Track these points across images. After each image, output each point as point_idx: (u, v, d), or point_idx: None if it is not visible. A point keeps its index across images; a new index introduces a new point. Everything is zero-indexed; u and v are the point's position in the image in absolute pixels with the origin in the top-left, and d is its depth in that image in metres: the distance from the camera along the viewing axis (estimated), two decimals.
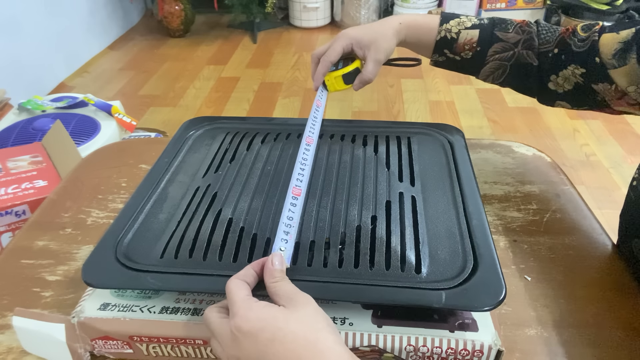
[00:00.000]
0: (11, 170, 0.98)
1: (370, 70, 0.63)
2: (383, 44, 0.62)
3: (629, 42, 0.53)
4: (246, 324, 0.34)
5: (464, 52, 0.62)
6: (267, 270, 0.39)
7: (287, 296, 0.36)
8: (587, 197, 0.62)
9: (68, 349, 0.42)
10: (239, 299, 0.36)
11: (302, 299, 0.36)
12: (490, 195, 0.64)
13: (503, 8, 2.94)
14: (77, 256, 0.56)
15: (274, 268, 0.39)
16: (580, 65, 0.57)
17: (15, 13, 2.08)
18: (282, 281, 0.38)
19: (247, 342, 0.33)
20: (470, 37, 0.62)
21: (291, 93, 2.35)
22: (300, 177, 0.49)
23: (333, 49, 0.63)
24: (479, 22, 0.63)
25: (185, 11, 2.90)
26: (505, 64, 0.62)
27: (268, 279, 0.38)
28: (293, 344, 0.33)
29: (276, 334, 0.33)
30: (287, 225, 0.43)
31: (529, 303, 0.49)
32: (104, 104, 1.53)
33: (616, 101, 0.56)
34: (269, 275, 0.38)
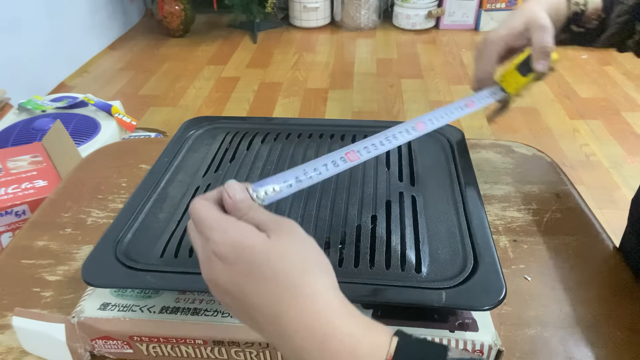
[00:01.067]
0: (11, 170, 0.98)
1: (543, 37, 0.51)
2: (541, 20, 0.52)
3: None
4: (219, 248, 0.29)
5: (590, 23, 0.57)
6: (228, 206, 0.32)
7: (265, 224, 0.30)
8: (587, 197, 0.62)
9: (68, 349, 0.42)
10: (209, 218, 0.30)
11: (285, 227, 0.30)
12: (490, 195, 0.64)
13: (503, 8, 2.94)
14: (77, 256, 0.56)
15: (234, 200, 0.32)
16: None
17: (16, 13, 2.08)
18: (252, 211, 0.31)
19: (221, 269, 0.29)
20: (594, 7, 0.57)
21: (291, 93, 2.35)
22: (370, 150, 0.42)
23: (485, 64, 0.54)
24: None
25: (185, 11, 2.90)
26: (623, 27, 0.57)
27: (235, 215, 0.31)
28: (272, 284, 0.28)
29: (253, 269, 0.28)
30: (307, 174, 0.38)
31: (529, 303, 0.49)
32: (104, 104, 1.53)
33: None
34: (233, 210, 0.32)
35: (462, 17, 3.02)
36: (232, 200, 0.32)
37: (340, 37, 3.00)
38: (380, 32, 3.05)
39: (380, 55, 2.73)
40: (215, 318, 0.41)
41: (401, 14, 3.03)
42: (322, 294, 0.28)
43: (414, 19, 3.01)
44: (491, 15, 2.96)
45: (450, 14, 3.01)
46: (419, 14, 2.99)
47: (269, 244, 0.29)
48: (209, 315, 0.42)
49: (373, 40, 2.94)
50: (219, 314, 0.42)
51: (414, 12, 2.99)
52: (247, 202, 0.32)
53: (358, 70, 2.56)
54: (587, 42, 0.60)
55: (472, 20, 3.02)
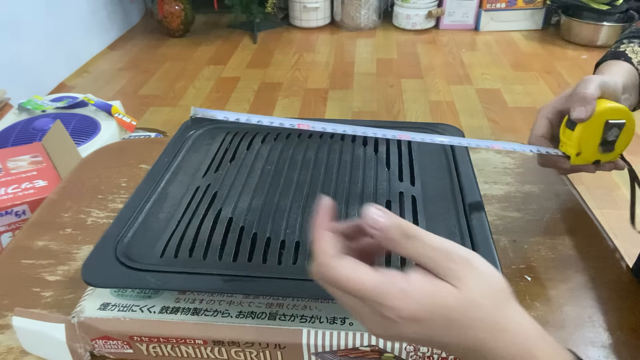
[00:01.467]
0: (11, 170, 0.98)
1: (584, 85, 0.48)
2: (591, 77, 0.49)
3: None
4: (404, 313, 0.27)
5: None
6: (378, 238, 0.29)
7: (435, 262, 0.28)
8: (587, 197, 0.62)
9: (68, 349, 0.42)
10: (368, 287, 0.27)
11: (462, 264, 0.28)
12: (490, 195, 0.64)
13: (503, 8, 2.94)
14: (77, 256, 0.56)
15: (381, 228, 0.28)
16: None
17: (15, 13, 2.08)
18: (410, 240, 0.28)
19: (409, 329, 0.27)
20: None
21: (291, 93, 2.35)
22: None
23: (539, 121, 0.53)
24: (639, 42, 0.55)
25: (185, 11, 2.90)
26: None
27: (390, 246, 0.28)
28: (473, 331, 0.27)
29: (450, 324, 0.27)
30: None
31: (529, 303, 0.49)
32: (104, 104, 1.53)
33: None
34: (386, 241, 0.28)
35: (462, 17, 3.02)
36: (379, 230, 0.28)
37: (340, 37, 3.00)
38: (380, 32, 3.05)
39: (380, 55, 2.73)
40: (215, 318, 0.41)
41: (401, 14, 3.03)
42: (520, 323, 0.28)
43: (414, 19, 3.01)
44: (491, 15, 2.96)
45: (450, 14, 3.01)
46: (419, 14, 2.99)
47: (460, 297, 0.27)
48: (209, 315, 0.42)
49: (373, 40, 2.94)
50: (219, 314, 0.42)
51: (414, 12, 2.99)
52: (398, 227, 0.28)
53: (358, 70, 2.55)
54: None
55: (472, 20, 3.02)
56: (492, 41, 2.88)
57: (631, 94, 0.53)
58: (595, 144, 0.49)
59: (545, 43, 2.84)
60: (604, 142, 0.49)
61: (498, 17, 2.97)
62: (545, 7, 2.94)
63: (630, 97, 0.53)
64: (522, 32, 2.98)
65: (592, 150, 0.49)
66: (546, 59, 2.64)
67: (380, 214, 0.28)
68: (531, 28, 3.00)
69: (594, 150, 0.49)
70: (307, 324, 0.41)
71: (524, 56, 2.68)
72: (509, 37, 2.93)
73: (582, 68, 2.54)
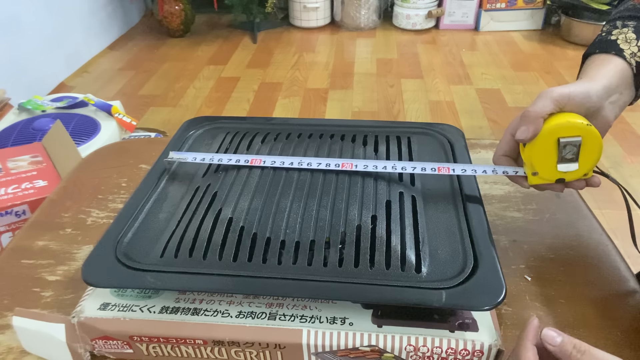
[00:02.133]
0: (11, 170, 0.98)
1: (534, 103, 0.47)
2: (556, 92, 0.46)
3: None
4: None
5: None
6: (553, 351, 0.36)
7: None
8: (587, 197, 0.62)
9: (68, 349, 0.42)
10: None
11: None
12: (490, 195, 0.64)
13: (503, 8, 2.94)
14: (77, 256, 0.56)
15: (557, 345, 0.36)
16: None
17: (15, 13, 2.08)
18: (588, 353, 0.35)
19: None
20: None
21: (291, 93, 2.35)
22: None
23: (505, 136, 0.50)
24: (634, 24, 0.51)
25: (185, 11, 2.90)
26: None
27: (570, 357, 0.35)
28: None
29: None
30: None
31: (529, 303, 0.49)
32: (104, 104, 1.53)
33: None
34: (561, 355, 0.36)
35: (462, 17, 3.02)
36: (557, 347, 0.35)
37: (340, 37, 3.00)
38: (380, 32, 3.05)
39: (380, 55, 2.73)
40: (215, 318, 0.41)
41: (401, 14, 3.03)
42: None
43: (414, 19, 3.00)
44: (491, 15, 2.96)
45: (450, 14, 3.01)
46: (419, 14, 2.99)
47: None
48: (209, 315, 0.42)
49: (373, 40, 2.94)
50: (219, 314, 0.42)
51: (414, 12, 2.99)
52: (571, 343, 0.36)
53: (358, 70, 2.55)
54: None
55: (472, 20, 3.02)
56: (492, 41, 2.88)
57: (622, 93, 0.49)
58: (553, 163, 0.46)
59: (545, 43, 2.84)
60: (563, 160, 0.46)
61: (498, 17, 2.97)
62: (545, 7, 2.94)
63: (621, 97, 0.49)
64: (522, 32, 2.98)
65: (550, 170, 0.46)
66: (546, 59, 2.64)
67: (555, 335, 0.36)
68: (531, 28, 3.00)
69: (552, 169, 0.46)
70: (307, 324, 0.41)
71: (524, 56, 2.68)
72: (509, 37, 2.93)
73: None
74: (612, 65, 0.49)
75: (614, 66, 0.49)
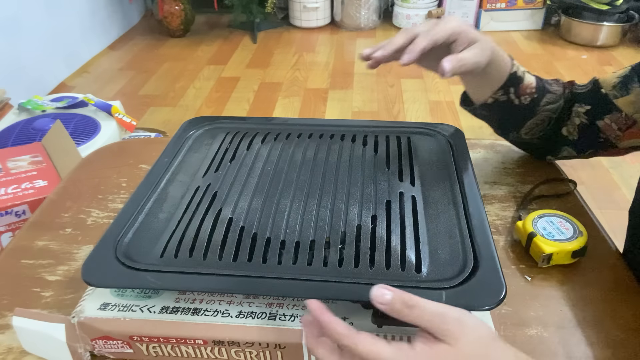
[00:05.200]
0: (11, 170, 0.98)
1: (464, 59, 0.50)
2: (485, 44, 0.52)
3: (627, 76, 0.57)
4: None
5: (524, 97, 0.59)
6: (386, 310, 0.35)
7: (440, 327, 0.33)
8: (587, 197, 0.62)
9: (68, 349, 0.42)
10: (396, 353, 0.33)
11: (456, 325, 0.33)
12: (490, 195, 0.64)
13: (503, 8, 2.94)
14: (77, 256, 0.56)
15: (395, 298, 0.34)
16: (584, 103, 0.60)
17: (15, 13, 2.08)
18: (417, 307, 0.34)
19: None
20: (530, 81, 0.59)
21: (291, 93, 2.35)
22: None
23: (441, 28, 0.51)
24: (526, 71, 0.61)
25: (185, 11, 2.90)
26: (552, 116, 0.62)
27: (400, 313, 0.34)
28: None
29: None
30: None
31: (529, 303, 0.49)
32: (104, 104, 1.53)
33: (625, 133, 0.58)
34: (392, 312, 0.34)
35: (462, 17, 3.02)
36: (386, 304, 0.34)
37: (340, 37, 3.00)
38: (380, 32, 3.05)
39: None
40: (215, 318, 0.41)
41: (401, 14, 3.03)
42: (503, 356, 0.34)
43: (414, 19, 3.00)
44: (491, 15, 2.96)
45: (450, 14, 3.01)
46: (419, 14, 2.99)
47: (456, 353, 0.33)
48: (209, 315, 0.42)
49: (373, 40, 2.94)
50: (219, 314, 0.42)
51: (414, 12, 2.99)
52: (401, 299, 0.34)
53: (358, 70, 2.55)
54: (511, 122, 0.63)
55: (472, 20, 3.02)
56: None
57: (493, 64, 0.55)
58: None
59: (545, 43, 2.84)
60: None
61: (498, 17, 2.97)
62: (545, 7, 2.94)
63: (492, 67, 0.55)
64: (522, 32, 2.98)
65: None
66: (546, 59, 2.64)
67: (385, 291, 0.35)
68: (531, 28, 3.00)
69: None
70: None
71: (524, 56, 2.68)
72: (509, 37, 2.93)
73: (582, 68, 2.54)
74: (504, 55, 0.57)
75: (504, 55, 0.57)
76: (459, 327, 0.33)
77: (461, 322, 0.34)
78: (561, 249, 0.52)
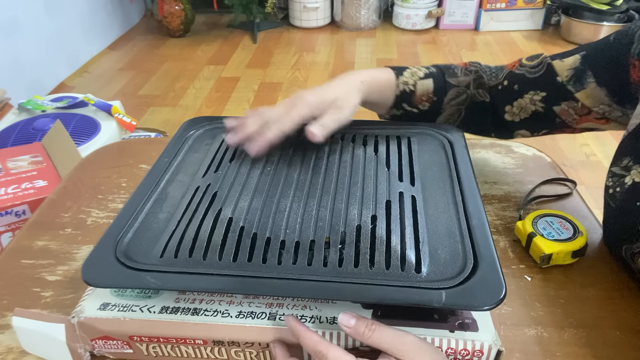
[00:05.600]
0: (11, 170, 0.98)
1: (327, 126, 0.54)
2: (345, 102, 0.56)
3: (579, 69, 0.56)
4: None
5: (422, 104, 0.62)
6: (350, 333, 0.39)
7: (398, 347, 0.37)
8: (587, 197, 0.62)
9: (68, 349, 0.42)
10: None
11: (411, 345, 0.37)
12: (490, 195, 0.64)
13: (503, 8, 2.94)
14: (77, 256, 0.56)
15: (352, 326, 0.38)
16: (540, 90, 0.59)
17: (15, 13, 2.08)
18: (376, 332, 0.38)
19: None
20: (426, 87, 0.62)
21: (291, 93, 2.34)
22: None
23: (290, 117, 0.54)
24: (429, 72, 0.63)
25: (185, 11, 2.90)
26: (460, 108, 0.63)
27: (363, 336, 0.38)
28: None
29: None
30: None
31: (529, 303, 0.49)
32: (104, 104, 1.53)
33: (582, 118, 0.58)
34: (356, 335, 0.38)
35: (462, 17, 3.02)
36: (351, 328, 0.38)
37: (340, 37, 3.00)
38: (380, 32, 3.05)
39: (380, 55, 2.73)
40: (215, 318, 0.41)
41: (401, 14, 3.03)
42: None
43: (414, 19, 3.00)
44: (491, 15, 2.96)
45: (450, 14, 3.01)
46: (419, 14, 2.99)
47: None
48: (209, 315, 0.42)
49: (373, 40, 2.94)
50: (219, 314, 0.42)
51: (414, 12, 2.99)
52: (364, 323, 0.38)
53: None
54: (424, 120, 0.64)
55: (472, 20, 3.02)
56: (492, 41, 2.88)
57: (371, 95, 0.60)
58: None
59: (545, 43, 2.84)
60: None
61: (498, 17, 2.97)
62: (545, 7, 2.94)
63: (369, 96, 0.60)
64: (522, 32, 2.98)
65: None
66: None
67: (350, 317, 0.39)
68: (531, 28, 3.00)
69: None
70: (307, 324, 0.41)
71: (524, 56, 2.68)
72: (509, 37, 2.93)
73: None
74: (383, 74, 0.61)
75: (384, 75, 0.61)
76: (416, 347, 0.37)
77: (418, 344, 0.37)
78: (561, 249, 0.52)
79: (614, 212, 0.52)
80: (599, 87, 0.55)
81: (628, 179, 0.50)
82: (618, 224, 0.52)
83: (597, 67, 0.55)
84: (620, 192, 0.50)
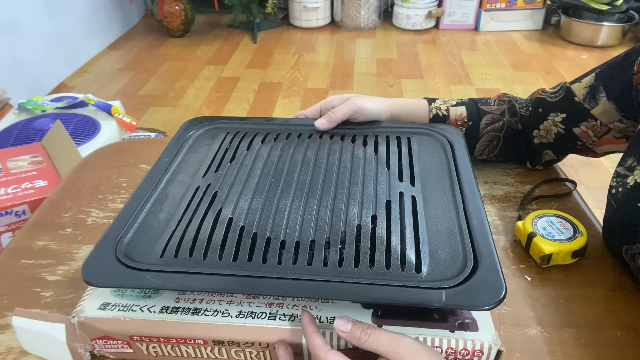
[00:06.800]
0: (11, 170, 0.98)
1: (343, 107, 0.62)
2: (359, 100, 0.63)
3: (593, 86, 0.58)
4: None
5: (458, 128, 0.64)
6: (345, 337, 0.39)
7: (394, 350, 0.37)
8: (587, 197, 0.62)
9: (68, 349, 0.42)
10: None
11: (407, 348, 0.37)
12: (490, 195, 0.64)
13: (503, 8, 2.94)
14: (77, 256, 0.56)
15: (348, 331, 0.39)
16: (560, 111, 0.61)
17: (15, 13, 2.08)
18: (372, 336, 0.38)
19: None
20: (459, 112, 0.65)
21: (291, 93, 2.35)
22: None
23: (340, 110, 0.62)
24: (461, 100, 0.66)
25: (185, 11, 2.90)
26: (498, 135, 0.65)
27: (358, 340, 0.38)
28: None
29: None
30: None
31: (529, 303, 0.49)
32: (104, 104, 1.53)
33: (601, 140, 0.60)
34: (352, 339, 0.38)
35: (462, 17, 3.02)
36: (347, 333, 0.39)
37: (340, 37, 3.00)
38: (380, 32, 3.05)
39: (380, 55, 2.73)
40: (215, 318, 0.41)
41: (401, 14, 3.03)
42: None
43: (414, 19, 3.00)
44: (491, 15, 2.96)
45: (450, 14, 3.01)
46: (419, 14, 2.99)
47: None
48: (209, 315, 0.42)
49: (373, 40, 2.94)
50: (219, 314, 0.42)
51: (414, 12, 2.99)
52: (360, 327, 0.38)
53: (358, 70, 2.55)
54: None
55: (472, 20, 3.02)
56: (492, 41, 2.88)
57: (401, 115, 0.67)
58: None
59: (545, 43, 2.84)
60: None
61: (498, 17, 2.97)
62: (545, 7, 2.93)
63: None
64: (522, 32, 2.98)
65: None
66: (546, 59, 2.64)
67: (347, 322, 0.39)
68: (531, 28, 3.00)
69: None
70: None
71: (524, 56, 2.68)
72: (509, 37, 2.93)
73: (582, 68, 2.54)
74: (418, 103, 0.67)
75: (416, 100, 0.67)
76: (412, 350, 0.37)
77: (414, 347, 0.37)
78: (561, 249, 0.52)
79: (615, 213, 0.52)
80: (608, 101, 0.57)
81: (630, 179, 0.50)
82: (619, 224, 0.52)
83: (607, 81, 0.57)
84: (623, 192, 0.50)
